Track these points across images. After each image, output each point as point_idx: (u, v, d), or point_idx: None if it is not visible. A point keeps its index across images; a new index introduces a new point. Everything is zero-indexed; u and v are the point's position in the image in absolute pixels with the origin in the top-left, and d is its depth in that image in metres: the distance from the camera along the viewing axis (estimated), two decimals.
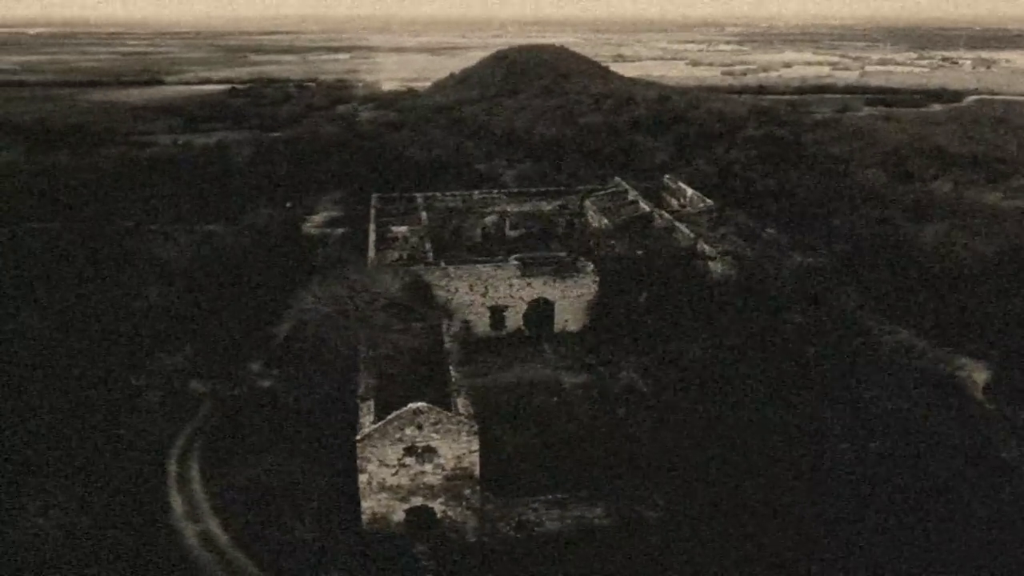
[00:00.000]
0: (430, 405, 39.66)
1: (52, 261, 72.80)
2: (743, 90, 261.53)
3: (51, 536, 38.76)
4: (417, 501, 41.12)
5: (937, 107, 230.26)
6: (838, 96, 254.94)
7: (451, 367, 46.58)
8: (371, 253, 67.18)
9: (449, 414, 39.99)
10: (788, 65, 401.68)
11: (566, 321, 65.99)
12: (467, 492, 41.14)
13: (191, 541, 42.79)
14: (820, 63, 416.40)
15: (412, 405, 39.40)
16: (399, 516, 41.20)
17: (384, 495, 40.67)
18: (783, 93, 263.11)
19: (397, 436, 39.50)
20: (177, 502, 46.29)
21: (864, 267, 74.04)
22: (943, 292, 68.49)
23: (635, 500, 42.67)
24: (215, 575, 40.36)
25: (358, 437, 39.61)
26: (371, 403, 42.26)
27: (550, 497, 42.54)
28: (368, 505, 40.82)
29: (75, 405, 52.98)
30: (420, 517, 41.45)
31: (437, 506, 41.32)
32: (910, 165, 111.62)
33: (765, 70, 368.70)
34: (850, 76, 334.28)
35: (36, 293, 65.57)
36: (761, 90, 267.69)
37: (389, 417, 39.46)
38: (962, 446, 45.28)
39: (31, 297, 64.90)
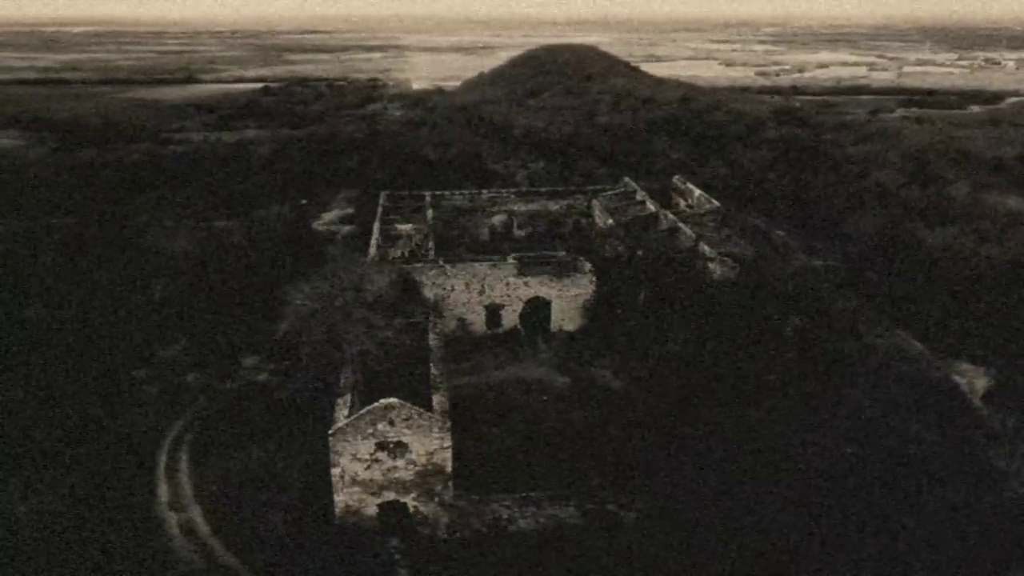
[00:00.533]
0: (401, 401, 40.09)
1: (65, 255, 74.70)
2: (775, 91, 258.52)
3: (26, 523, 39.84)
4: (389, 496, 41.58)
5: (975, 109, 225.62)
6: (872, 97, 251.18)
7: (431, 364, 46.98)
8: (372, 250, 67.93)
9: (420, 410, 40.35)
10: (823, 66, 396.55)
11: (562, 321, 66.03)
12: (439, 488, 41.50)
13: (172, 530, 43.74)
14: (856, 63, 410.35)
15: (383, 401, 39.88)
16: (372, 510, 41.71)
17: (356, 489, 41.21)
18: (816, 94, 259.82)
19: (369, 431, 40.00)
20: (163, 491, 47.37)
21: (869, 270, 73.10)
22: (948, 297, 67.35)
23: (610, 500, 42.66)
24: (192, 563, 41.27)
25: (330, 431, 40.21)
26: (348, 398, 42.88)
27: (523, 495, 42.71)
28: (341, 499, 41.39)
29: (74, 396, 54.45)
30: (393, 512, 41.92)
31: (409, 501, 41.75)
32: (930, 168, 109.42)
33: (800, 70, 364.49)
34: (886, 77, 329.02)
35: (46, 286, 67.37)
36: (794, 91, 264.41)
37: (361, 412, 39.98)
38: (946, 453, 44.51)
39: (41, 290, 66.74)
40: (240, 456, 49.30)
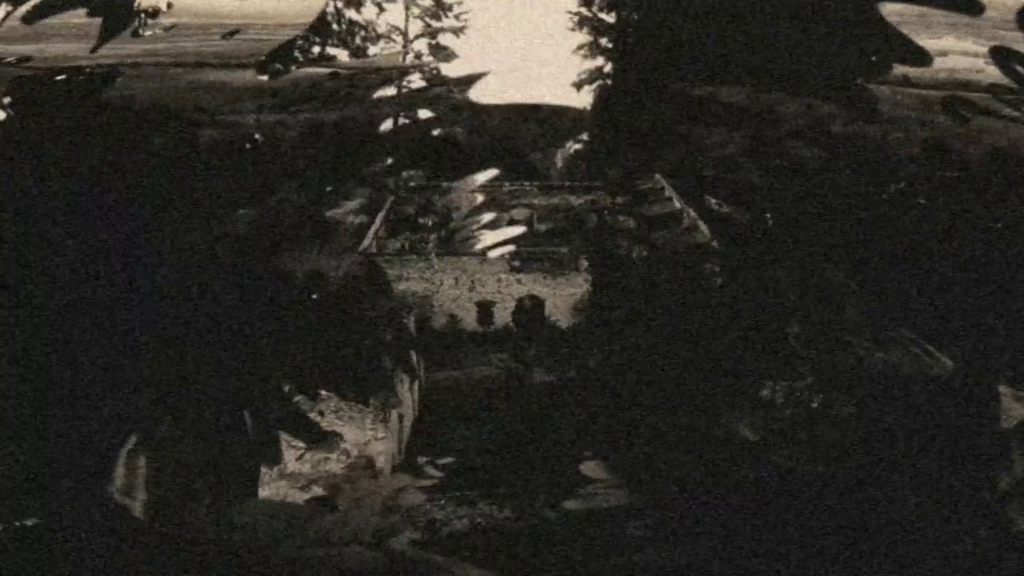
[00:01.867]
0: (330, 392, 38.82)
1: (80, 240, 77.01)
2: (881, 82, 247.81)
3: None
4: (317, 491, 40.37)
5: None
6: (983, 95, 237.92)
7: (384, 356, 45.59)
8: (367, 241, 66.95)
9: (351, 402, 39.01)
10: (943, 53, 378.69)
11: (556, 319, 63.81)
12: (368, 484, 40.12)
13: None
14: (976, 55, 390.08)
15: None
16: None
17: (283, 483, 40.15)
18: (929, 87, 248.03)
19: None
20: (119, 475, 47.64)
21: (900, 276, 68.08)
22: (998, 314, 62.05)
23: (545, 501, 40.50)
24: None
25: None
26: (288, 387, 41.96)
27: (459, 495, 40.88)
28: (265, 494, 40.38)
29: (63, 378, 55.67)
30: (322, 506, 40.76)
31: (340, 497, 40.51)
32: (1008, 171, 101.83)
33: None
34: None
35: (57, 269, 69.47)
36: (904, 82, 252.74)
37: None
38: (911, 473, 40.40)
39: (51, 271, 68.84)
40: (203, 444, 49.35)
